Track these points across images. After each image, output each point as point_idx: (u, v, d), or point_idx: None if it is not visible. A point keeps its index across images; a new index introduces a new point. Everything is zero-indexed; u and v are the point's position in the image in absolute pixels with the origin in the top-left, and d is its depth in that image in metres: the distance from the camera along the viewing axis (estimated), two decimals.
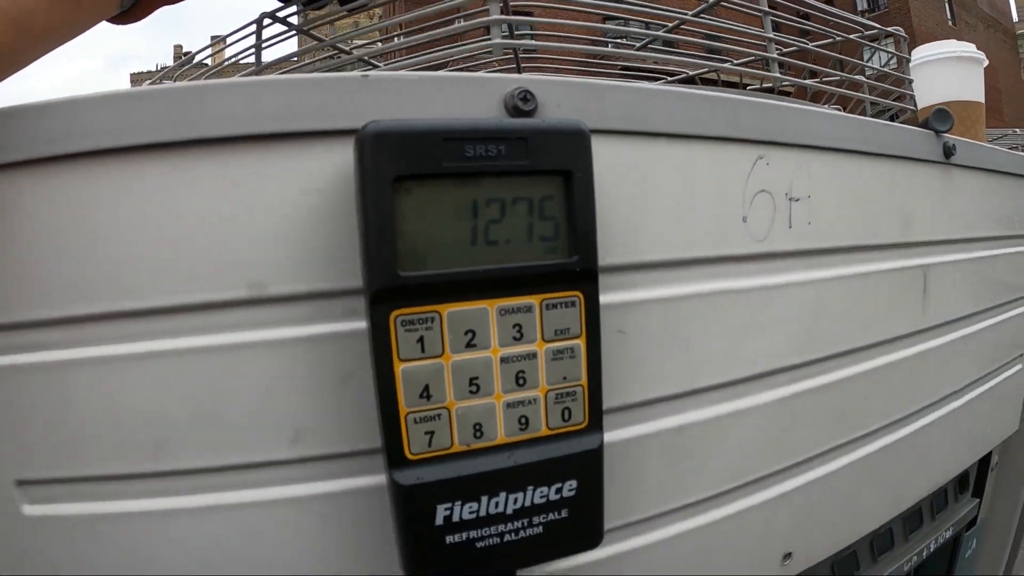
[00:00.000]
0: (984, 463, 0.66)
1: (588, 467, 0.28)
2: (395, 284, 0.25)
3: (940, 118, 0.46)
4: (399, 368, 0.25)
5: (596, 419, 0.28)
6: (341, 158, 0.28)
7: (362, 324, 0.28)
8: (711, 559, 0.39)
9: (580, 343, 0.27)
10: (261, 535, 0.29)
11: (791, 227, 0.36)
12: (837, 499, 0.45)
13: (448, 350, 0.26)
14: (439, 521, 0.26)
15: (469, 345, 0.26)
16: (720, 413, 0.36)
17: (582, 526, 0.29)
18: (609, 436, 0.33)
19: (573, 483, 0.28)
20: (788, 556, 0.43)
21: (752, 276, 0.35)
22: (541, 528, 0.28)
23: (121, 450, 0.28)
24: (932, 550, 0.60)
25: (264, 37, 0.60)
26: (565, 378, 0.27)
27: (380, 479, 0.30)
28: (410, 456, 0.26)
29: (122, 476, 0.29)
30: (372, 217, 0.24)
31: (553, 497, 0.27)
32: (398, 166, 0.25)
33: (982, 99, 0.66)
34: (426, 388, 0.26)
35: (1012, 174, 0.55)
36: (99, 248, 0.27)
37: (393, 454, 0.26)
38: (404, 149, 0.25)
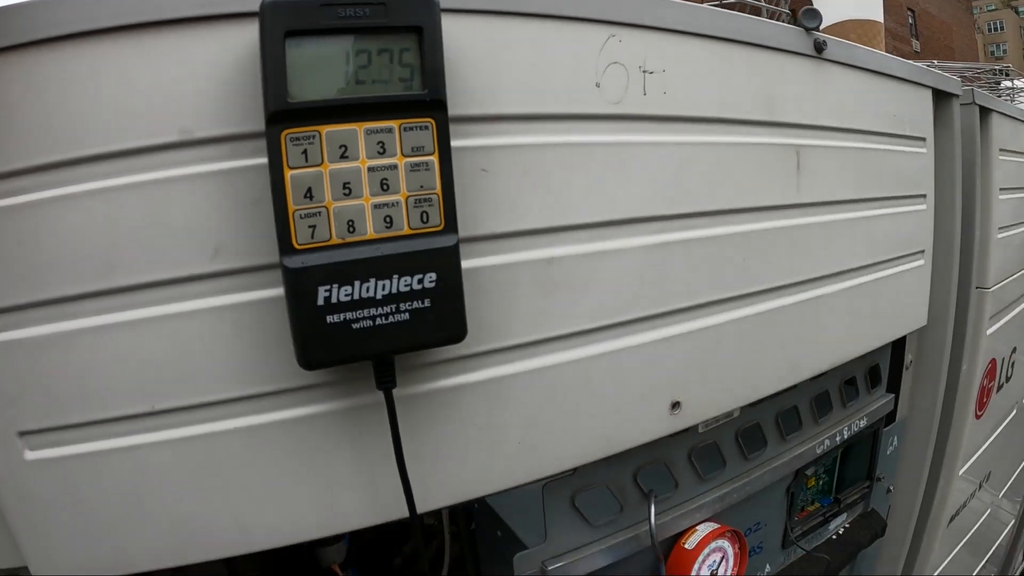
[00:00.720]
0: (898, 361, 0.71)
1: (445, 262, 0.35)
2: (286, 108, 0.33)
3: (809, 16, 0.53)
4: (288, 174, 0.33)
5: (451, 223, 0.36)
6: (249, 34, 0.37)
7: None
8: (597, 394, 0.46)
9: (434, 159, 0.35)
10: (186, 343, 0.37)
11: (646, 94, 0.44)
12: (724, 355, 0.51)
13: (326, 160, 0.34)
14: (320, 301, 0.34)
15: (343, 157, 0.34)
16: (588, 251, 0.43)
17: (445, 317, 0.36)
18: (480, 262, 0.40)
19: (433, 275, 0.35)
20: (676, 405, 0.50)
21: (609, 133, 0.43)
22: (408, 315, 0.35)
23: (77, 272, 0.36)
24: (847, 437, 0.65)
25: None
26: (422, 187, 0.35)
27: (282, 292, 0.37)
28: (297, 246, 0.34)
29: (77, 296, 0.36)
30: (270, 60, 0.33)
31: (416, 287, 0.35)
32: (288, 23, 0.33)
33: (880, 18, 0.72)
34: (309, 190, 0.34)
35: (896, 77, 0.61)
36: (62, 110, 0.35)
37: (284, 244, 0.34)
38: (292, 12, 0.33)
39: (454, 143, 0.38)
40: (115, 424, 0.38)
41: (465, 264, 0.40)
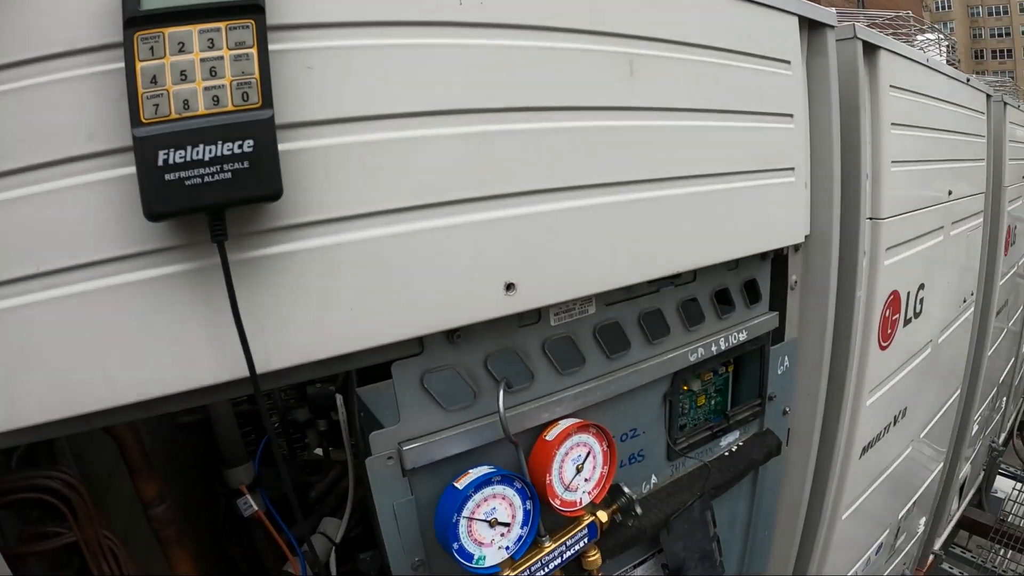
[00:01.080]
0: (781, 280, 0.73)
1: (262, 131, 0.45)
2: (137, 15, 0.44)
3: None
4: (138, 66, 0.44)
5: (267, 101, 0.45)
6: None
7: None
8: (427, 268, 0.52)
9: (253, 52, 0.45)
10: (67, 213, 0.47)
11: (461, 4, 0.53)
12: (560, 243, 0.56)
13: (168, 54, 0.44)
14: (160, 162, 0.44)
15: (180, 51, 0.44)
16: (407, 136, 0.51)
17: (262, 177, 0.45)
18: (305, 144, 0.49)
19: (251, 142, 0.44)
20: (511, 287, 0.56)
21: (426, 37, 0.51)
22: (230, 175, 0.44)
23: None
24: (724, 349, 0.68)
25: None
26: (243, 73, 0.45)
27: None
28: (144, 120, 0.44)
29: None
30: None
31: (237, 151, 0.44)
32: None
33: None
34: (154, 77, 0.44)
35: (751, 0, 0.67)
36: None
37: (134, 119, 0.44)
38: None
39: (281, 46, 0.48)
40: (8, 286, 0.47)
41: (291, 145, 0.49)
